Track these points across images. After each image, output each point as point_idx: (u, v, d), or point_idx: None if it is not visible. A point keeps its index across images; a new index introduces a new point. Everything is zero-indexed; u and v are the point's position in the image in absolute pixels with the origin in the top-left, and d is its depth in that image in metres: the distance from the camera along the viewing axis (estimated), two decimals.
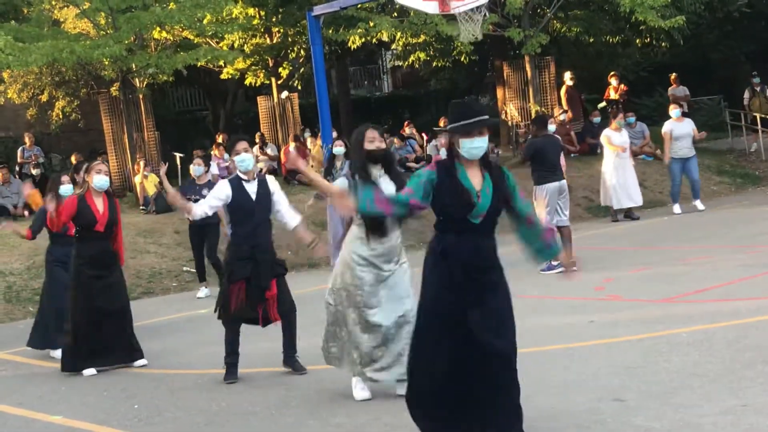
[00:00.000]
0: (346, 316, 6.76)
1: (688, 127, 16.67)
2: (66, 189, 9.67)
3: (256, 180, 7.98)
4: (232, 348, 7.97)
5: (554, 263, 11.86)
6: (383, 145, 6.65)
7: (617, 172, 16.39)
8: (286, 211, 8.10)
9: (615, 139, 16.30)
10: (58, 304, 9.46)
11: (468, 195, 5.26)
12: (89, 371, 8.87)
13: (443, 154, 16.26)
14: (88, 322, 8.82)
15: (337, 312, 6.83)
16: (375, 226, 6.53)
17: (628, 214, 16.88)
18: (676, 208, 16.84)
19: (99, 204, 8.96)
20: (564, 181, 12.09)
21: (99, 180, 8.95)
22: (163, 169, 9.23)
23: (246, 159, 7.89)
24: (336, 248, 9.77)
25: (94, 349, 8.85)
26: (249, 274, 7.80)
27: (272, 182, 8.06)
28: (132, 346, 9.08)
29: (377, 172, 6.63)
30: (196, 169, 13.27)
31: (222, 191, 7.92)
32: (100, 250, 8.92)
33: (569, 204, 12.41)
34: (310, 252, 8.11)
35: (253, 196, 7.91)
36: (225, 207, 7.95)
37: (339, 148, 13.66)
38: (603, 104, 22.42)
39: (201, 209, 7.97)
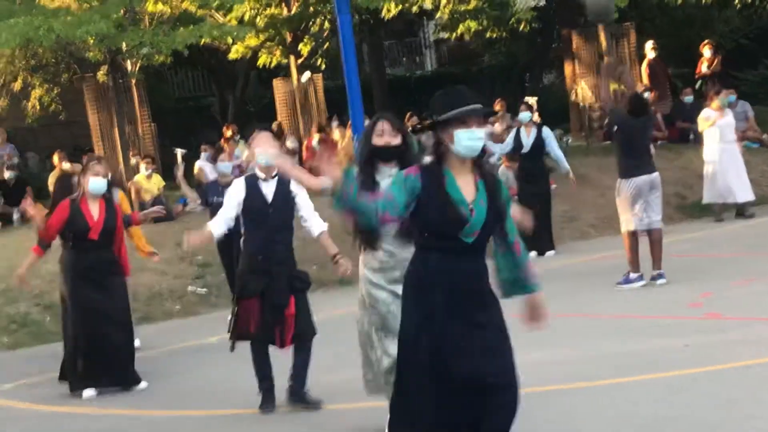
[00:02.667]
0: (372, 337, 6.82)
1: None
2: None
3: (276, 179, 8.05)
4: (262, 372, 8.06)
5: (633, 275, 11.80)
6: (394, 141, 6.69)
7: (723, 162, 16.35)
8: (310, 217, 8.18)
9: (718, 121, 16.27)
10: None
11: (459, 209, 5.14)
12: (88, 392, 9.38)
13: (500, 146, 16.21)
14: (86, 338, 9.27)
15: (363, 333, 6.90)
16: (365, 235, 6.59)
17: (740, 211, 16.80)
18: None
19: (94, 209, 9.33)
20: (656, 174, 11.98)
21: (94, 183, 9.25)
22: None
23: (265, 154, 7.95)
24: None
25: (91, 367, 9.33)
26: (263, 288, 7.92)
27: (296, 186, 8.11)
28: (131, 369, 9.54)
29: (388, 170, 6.65)
30: (223, 166, 13.32)
31: (236, 193, 8.03)
32: (95, 260, 9.34)
33: (661, 202, 12.32)
34: (334, 268, 8.17)
35: (269, 197, 8.01)
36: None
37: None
38: (699, 83, 22.21)
39: (218, 227, 8.10)
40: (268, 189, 8.02)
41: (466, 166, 5.22)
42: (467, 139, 5.15)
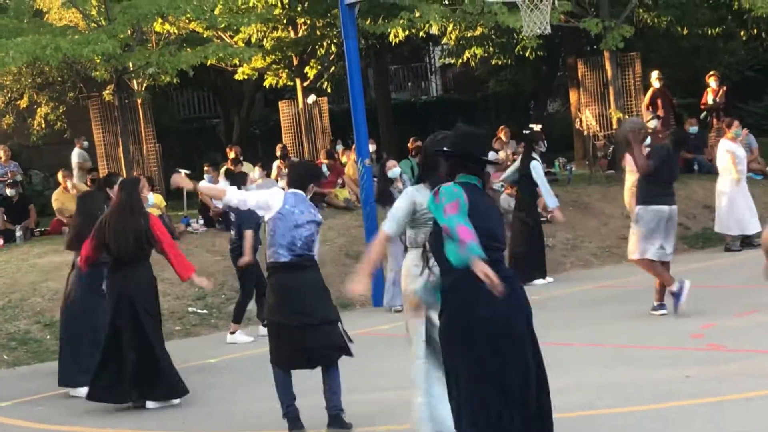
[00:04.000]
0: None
1: None
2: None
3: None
4: (280, 393, 7.98)
5: (674, 288, 11.63)
6: None
7: (737, 193, 16.40)
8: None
9: (737, 153, 16.35)
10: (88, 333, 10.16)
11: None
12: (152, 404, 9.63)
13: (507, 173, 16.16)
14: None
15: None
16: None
17: (748, 241, 16.77)
18: None
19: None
20: (675, 207, 11.94)
21: (151, 198, 9.50)
22: (183, 177, 9.36)
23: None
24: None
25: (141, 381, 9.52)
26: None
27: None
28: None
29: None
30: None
31: (276, 197, 8.02)
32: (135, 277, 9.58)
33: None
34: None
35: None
36: (266, 223, 8.07)
37: (395, 170, 14.39)
38: (704, 114, 22.24)
39: (238, 196, 8.06)
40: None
41: None
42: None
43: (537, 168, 15.25)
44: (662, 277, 11.69)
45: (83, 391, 9.81)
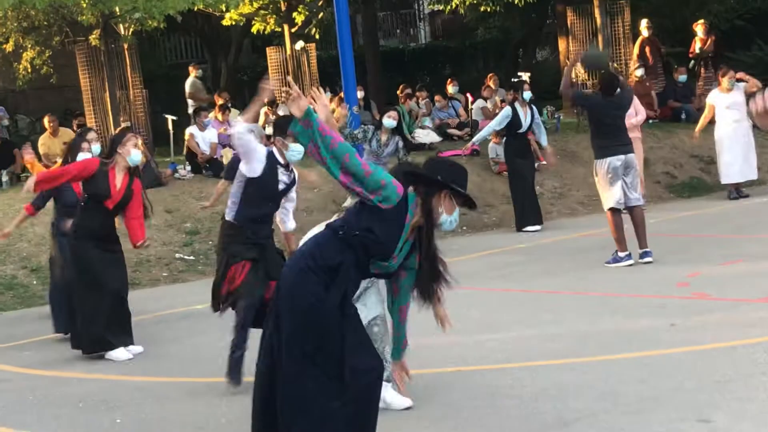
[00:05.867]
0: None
1: None
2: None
3: (287, 168, 8.20)
4: (241, 338, 8.02)
5: (621, 254, 11.81)
6: None
7: (734, 141, 16.38)
8: (291, 211, 8.57)
9: (723, 101, 16.28)
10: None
11: (392, 250, 5.36)
12: (120, 353, 9.53)
13: (493, 122, 16.12)
14: (95, 297, 9.45)
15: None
16: None
17: (737, 190, 16.79)
18: None
19: (118, 180, 9.49)
20: (631, 155, 11.96)
21: (135, 155, 9.55)
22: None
23: (300, 151, 8.03)
24: None
25: (113, 329, 9.51)
26: (256, 256, 8.05)
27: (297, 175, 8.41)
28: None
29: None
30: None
31: (259, 154, 8.01)
32: (103, 225, 9.56)
33: (639, 180, 12.30)
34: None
35: (281, 185, 8.16)
36: (240, 180, 8.05)
37: (391, 121, 13.34)
38: (692, 63, 22.16)
39: (243, 124, 8.00)
40: (283, 176, 8.14)
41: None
42: (451, 221, 5.44)
43: (538, 114, 15.42)
44: (617, 232, 11.84)
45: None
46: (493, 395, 7.23)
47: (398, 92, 21.61)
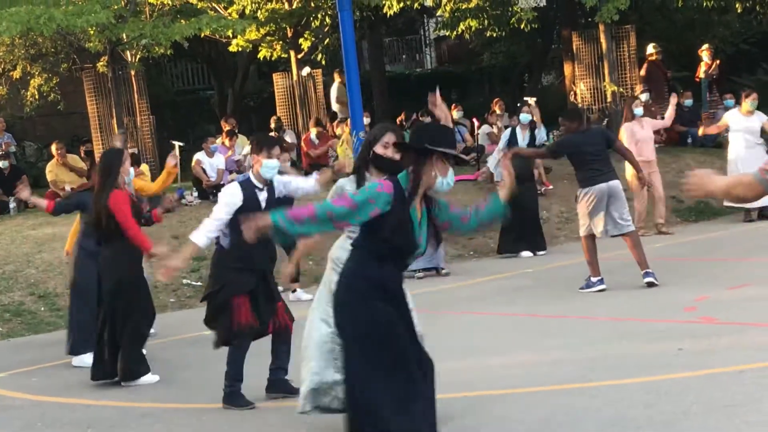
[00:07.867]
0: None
1: None
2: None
3: (266, 188, 8.20)
4: (236, 370, 8.12)
5: (593, 279, 11.82)
6: (396, 156, 6.72)
7: (747, 166, 16.37)
8: (301, 183, 8.48)
9: (740, 123, 16.27)
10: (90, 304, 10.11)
11: (416, 235, 5.55)
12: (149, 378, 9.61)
13: (497, 148, 16.15)
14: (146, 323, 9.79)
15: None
16: None
17: (763, 212, 16.71)
18: None
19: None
20: (615, 182, 11.95)
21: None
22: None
23: (275, 167, 8.10)
24: None
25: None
26: (255, 286, 8.09)
27: (278, 180, 8.30)
28: None
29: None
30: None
31: (233, 198, 8.05)
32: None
33: (627, 206, 12.24)
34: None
35: (263, 205, 8.09)
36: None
37: None
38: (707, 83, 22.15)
39: (204, 234, 8.11)
40: (263, 197, 8.15)
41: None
42: (451, 177, 5.54)
43: (542, 131, 15.44)
44: (590, 257, 11.93)
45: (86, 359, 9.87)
46: (502, 420, 7.23)
47: (399, 118, 21.74)
